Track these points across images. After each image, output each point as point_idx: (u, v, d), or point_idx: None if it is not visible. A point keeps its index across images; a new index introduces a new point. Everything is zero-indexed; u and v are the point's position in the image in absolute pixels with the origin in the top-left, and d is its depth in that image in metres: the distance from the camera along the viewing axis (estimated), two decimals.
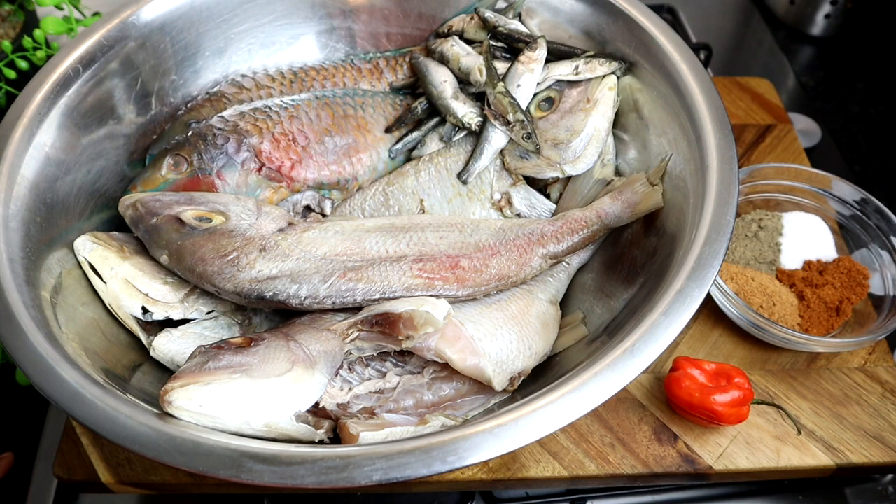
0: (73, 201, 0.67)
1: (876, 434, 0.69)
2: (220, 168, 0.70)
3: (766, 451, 0.68)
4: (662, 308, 0.54)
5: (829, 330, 0.75)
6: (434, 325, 0.55)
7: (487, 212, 0.73)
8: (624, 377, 0.51)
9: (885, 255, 0.78)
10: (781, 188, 0.83)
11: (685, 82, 0.67)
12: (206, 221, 0.63)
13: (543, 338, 0.63)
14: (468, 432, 0.49)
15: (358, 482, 0.47)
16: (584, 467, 0.67)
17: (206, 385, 0.51)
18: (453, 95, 0.74)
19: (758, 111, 0.97)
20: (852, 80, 1.19)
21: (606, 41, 0.76)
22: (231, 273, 0.60)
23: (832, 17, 1.21)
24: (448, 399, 0.60)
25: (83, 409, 0.50)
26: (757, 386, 0.72)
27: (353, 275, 0.60)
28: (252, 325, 0.65)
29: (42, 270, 0.61)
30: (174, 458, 0.48)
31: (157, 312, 0.62)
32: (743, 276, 0.77)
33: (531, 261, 0.64)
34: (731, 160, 0.61)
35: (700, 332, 0.77)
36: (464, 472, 0.66)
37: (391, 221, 0.66)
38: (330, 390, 0.57)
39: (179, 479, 0.65)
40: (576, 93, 0.74)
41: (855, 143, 1.11)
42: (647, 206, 0.66)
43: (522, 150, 0.72)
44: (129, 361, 0.61)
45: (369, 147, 0.75)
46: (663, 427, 0.69)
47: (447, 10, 0.83)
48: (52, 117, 0.66)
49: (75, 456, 0.66)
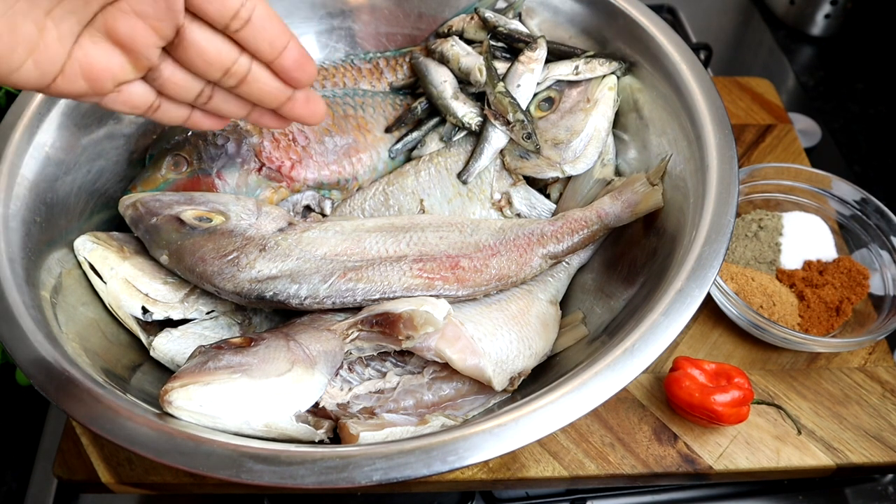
0: (73, 201, 0.67)
1: (876, 434, 0.69)
2: (220, 168, 0.70)
3: (766, 451, 0.68)
4: (662, 308, 0.54)
5: (829, 330, 0.75)
6: (434, 325, 0.55)
7: (487, 212, 0.73)
8: (624, 377, 0.51)
9: (885, 255, 0.78)
10: (781, 188, 0.83)
11: (685, 82, 0.67)
12: (206, 221, 0.63)
13: (543, 338, 0.63)
14: (468, 432, 0.49)
15: (358, 482, 0.47)
16: (584, 467, 0.67)
17: (206, 385, 0.51)
18: (453, 95, 0.74)
19: (758, 111, 0.97)
20: (852, 80, 1.19)
21: (606, 41, 0.76)
22: (231, 273, 0.60)
23: (832, 17, 1.21)
24: (448, 399, 0.60)
25: (83, 409, 0.50)
26: (757, 386, 0.72)
27: (353, 275, 0.60)
28: (252, 325, 0.65)
29: (42, 270, 0.61)
30: (174, 458, 0.48)
31: (157, 312, 0.62)
32: (743, 276, 0.77)
33: (531, 261, 0.64)
34: (731, 160, 0.61)
35: (700, 332, 0.77)
36: (464, 472, 0.66)
37: (391, 221, 0.66)
38: (330, 390, 0.57)
39: (179, 479, 0.65)
40: (576, 93, 0.74)
41: (855, 143, 1.11)
42: (647, 206, 0.66)
43: (522, 150, 0.72)
44: (129, 361, 0.61)
45: (369, 147, 0.75)
46: (663, 427, 0.69)
47: (447, 10, 0.83)
48: (52, 117, 0.66)
49: (75, 456, 0.66)
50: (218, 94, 0.51)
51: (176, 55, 0.47)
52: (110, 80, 0.46)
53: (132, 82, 0.48)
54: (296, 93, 0.52)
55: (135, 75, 0.47)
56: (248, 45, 0.47)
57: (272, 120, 0.54)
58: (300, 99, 0.52)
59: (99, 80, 0.45)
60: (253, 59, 0.48)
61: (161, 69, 0.47)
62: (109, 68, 0.45)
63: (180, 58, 0.47)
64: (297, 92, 0.52)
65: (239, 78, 0.48)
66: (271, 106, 0.52)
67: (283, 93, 0.51)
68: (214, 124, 0.54)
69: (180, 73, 0.48)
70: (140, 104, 0.49)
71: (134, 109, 0.49)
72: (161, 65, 0.47)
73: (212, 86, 0.50)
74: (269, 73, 0.49)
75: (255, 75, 0.49)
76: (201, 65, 0.47)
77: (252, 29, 0.46)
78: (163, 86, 0.48)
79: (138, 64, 0.46)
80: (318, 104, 0.54)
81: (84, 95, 0.46)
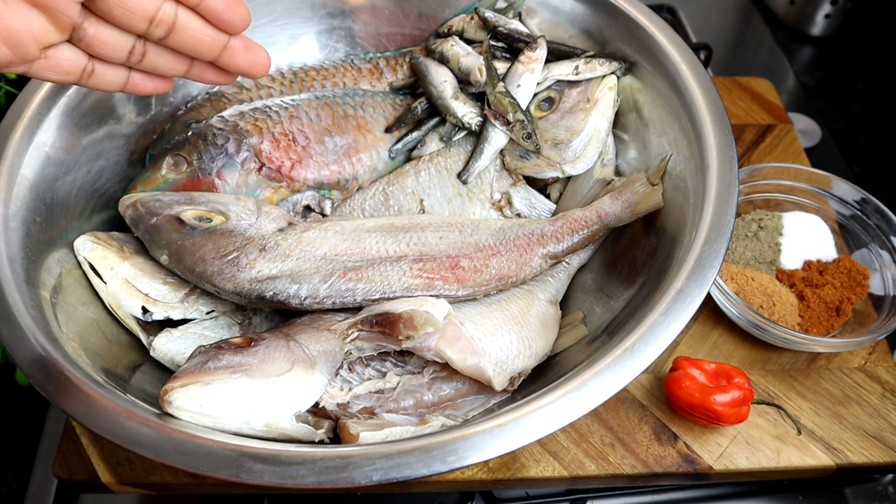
0: (73, 201, 0.67)
1: (876, 434, 0.69)
2: (220, 168, 0.70)
3: (766, 451, 0.68)
4: (662, 308, 0.54)
5: (829, 330, 0.75)
6: (434, 325, 0.55)
7: (487, 212, 0.73)
8: (624, 377, 0.51)
9: (885, 255, 0.78)
10: (781, 188, 0.83)
11: (685, 82, 0.67)
12: (206, 221, 0.63)
13: (543, 338, 0.63)
14: (468, 432, 0.49)
15: (358, 482, 0.47)
16: (584, 467, 0.67)
17: (206, 385, 0.51)
18: (453, 95, 0.74)
19: (758, 111, 0.97)
20: (852, 80, 1.19)
21: (606, 41, 0.76)
22: (231, 273, 0.60)
23: (832, 17, 1.21)
24: (448, 399, 0.60)
25: (83, 409, 0.50)
26: (757, 386, 0.72)
27: (353, 275, 0.60)
28: (252, 325, 0.65)
29: (42, 270, 0.61)
30: (174, 458, 0.48)
31: (157, 312, 0.62)
32: (743, 276, 0.77)
33: (531, 261, 0.64)
34: (731, 160, 0.61)
35: (700, 332, 0.77)
36: (464, 472, 0.66)
37: (391, 221, 0.66)
38: (330, 390, 0.57)
39: (179, 479, 0.65)
40: (576, 93, 0.74)
41: (855, 143, 1.11)
42: (647, 206, 0.66)
43: (522, 150, 0.72)
44: (129, 361, 0.61)
45: (369, 147, 0.75)
46: (663, 427, 0.69)
47: (447, 10, 0.83)
48: (52, 117, 0.66)
49: (75, 456, 0.66)
50: (151, 51, 0.49)
51: (97, 10, 0.45)
52: (33, 42, 0.44)
53: (59, 46, 0.46)
54: (231, 40, 0.49)
55: (59, 37, 0.45)
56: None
57: (214, 74, 0.52)
58: (237, 47, 0.50)
59: (21, 45, 0.44)
60: (178, 5, 0.46)
61: (85, 28, 0.46)
62: (30, 30, 0.43)
63: (101, 11, 0.45)
64: (232, 39, 0.50)
65: (166, 27, 0.47)
66: (207, 57, 0.50)
67: (217, 40, 0.49)
68: (157, 86, 0.52)
69: (106, 28, 0.46)
70: (72, 69, 0.47)
71: (66, 76, 0.48)
72: (84, 23, 0.46)
73: (142, 41, 0.48)
74: (200, 20, 0.48)
75: (182, 22, 0.47)
76: (123, 15, 0.45)
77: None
78: (90, 45, 0.47)
79: (59, 23, 0.44)
80: (258, 53, 0.51)
81: (10, 64, 0.45)
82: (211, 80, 0.53)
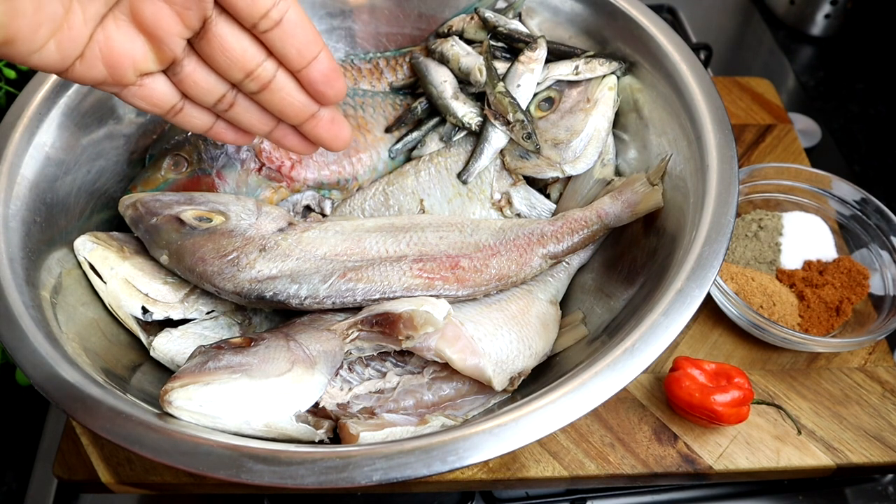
0: (73, 201, 0.67)
1: (876, 434, 0.69)
2: (220, 168, 0.70)
3: (766, 451, 0.68)
4: (662, 308, 0.54)
5: (829, 330, 0.75)
6: (434, 325, 0.55)
7: (487, 212, 0.73)
8: (624, 377, 0.51)
9: (885, 255, 0.78)
10: (781, 188, 0.83)
11: (685, 82, 0.67)
12: (206, 221, 0.63)
13: (543, 338, 0.63)
14: (468, 432, 0.49)
15: (358, 482, 0.47)
16: (584, 467, 0.67)
17: (206, 385, 0.51)
18: (453, 95, 0.74)
19: (758, 111, 0.97)
20: (852, 80, 1.20)
21: (606, 41, 0.76)
22: (231, 273, 0.60)
23: (832, 17, 1.21)
24: (448, 399, 0.60)
25: (83, 409, 0.50)
26: (757, 386, 0.72)
27: (353, 275, 0.60)
28: (252, 325, 0.65)
29: (42, 270, 0.61)
30: (174, 458, 0.48)
31: (157, 312, 0.62)
32: (743, 276, 0.77)
33: (531, 261, 0.64)
34: (731, 160, 0.61)
35: (700, 332, 0.77)
36: (464, 472, 0.66)
37: (391, 221, 0.66)
38: (330, 390, 0.57)
39: (179, 479, 0.65)
40: (576, 93, 0.74)
41: (855, 143, 1.11)
42: (647, 206, 0.66)
43: (522, 150, 0.72)
44: (129, 361, 0.61)
45: (369, 147, 0.75)
46: (663, 427, 0.69)
47: (447, 10, 0.83)
48: (52, 117, 0.66)
49: (75, 456, 0.66)
50: (240, 102, 0.49)
51: (200, 50, 0.46)
52: (131, 67, 0.44)
53: (154, 76, 0.46)
54: (321, 110, 0.50)
55: (156, 66, 0.45)
56: (276, 50, 0.45)
57: (295, 140, 0.52)
58: (325, 118, 0.50)
59: (119, 67, 0.44)
60: (279, 66, 0.47)
61: (183, 64, 0.46)
62: (130, 54, 0.44)
63: (204, 52, 0.46)
64: (322, 110, 0.50)
65: (262, 83, 0.47)
66: (294, 121, 0.50)
67: (308, 108, 0.49)
68: (238, 138, 0.52)
69: (202, 70, 0.47)
70: (162, 102, 0.48)
71: (155, 107, 0.48)
72: (184, 59, 0.46)
73: (234, 91, 0.48)
74: (295, 85, 0.48)
75: (279, 83, 0.47)
76: (223, 62, 0.45)
77: (281, 32, 0.44)
78: (182, 82, 0.47)
79: (160, 54, 0.44)
80: (342, 128, 0.51)
81: (104, 83, 0.45)
82: (291, 145, 0.53)
